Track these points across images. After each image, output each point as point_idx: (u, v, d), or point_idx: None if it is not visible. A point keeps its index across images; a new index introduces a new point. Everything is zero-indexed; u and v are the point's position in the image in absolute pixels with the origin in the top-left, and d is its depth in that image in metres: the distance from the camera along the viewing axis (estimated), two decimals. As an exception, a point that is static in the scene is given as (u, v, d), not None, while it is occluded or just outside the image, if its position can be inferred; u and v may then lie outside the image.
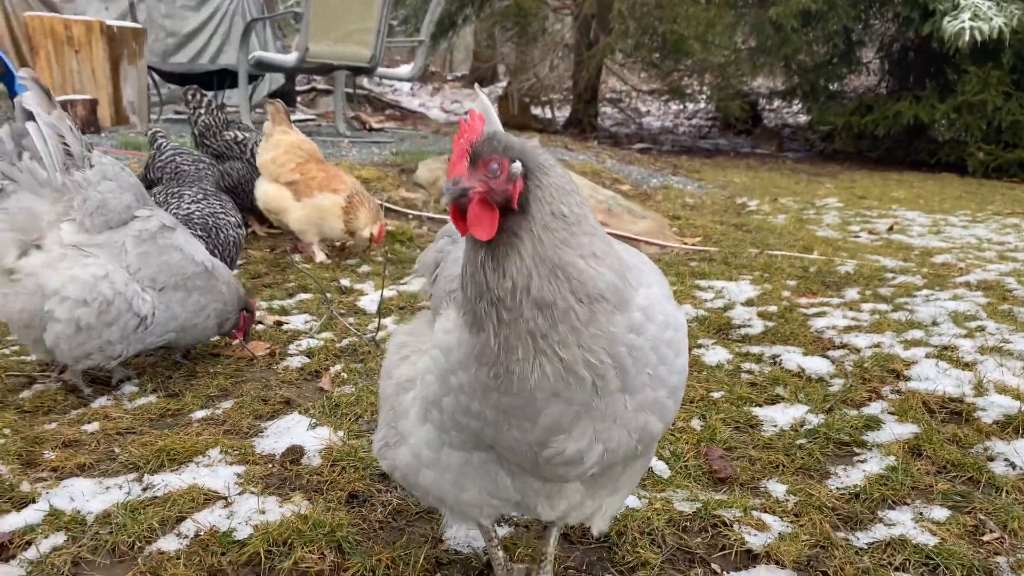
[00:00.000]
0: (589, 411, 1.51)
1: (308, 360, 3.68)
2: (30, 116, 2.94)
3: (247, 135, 5.49)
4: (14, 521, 2.28)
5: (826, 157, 16.13)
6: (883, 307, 4.59)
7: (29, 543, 2.18)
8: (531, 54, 17.31)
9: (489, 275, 1.46)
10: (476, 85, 2.36)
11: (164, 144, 5.09)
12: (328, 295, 4.53)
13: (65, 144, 3.00)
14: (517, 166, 1.45)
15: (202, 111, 5.27)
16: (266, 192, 5.35)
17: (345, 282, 5.09)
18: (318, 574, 2.09)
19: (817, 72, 15.43)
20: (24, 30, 13.31)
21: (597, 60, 15.30)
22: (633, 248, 1.78)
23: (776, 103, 18.97)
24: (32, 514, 2.31)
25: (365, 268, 5.51)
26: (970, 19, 11.77)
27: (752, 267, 5.69)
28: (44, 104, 2.97)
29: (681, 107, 20.11)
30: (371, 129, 13.46)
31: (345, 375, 3.49)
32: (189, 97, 5.32)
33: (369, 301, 4.70)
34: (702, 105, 19.54)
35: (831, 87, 16.03)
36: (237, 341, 3.73)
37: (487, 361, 1.49)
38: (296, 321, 4.27)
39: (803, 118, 19.26)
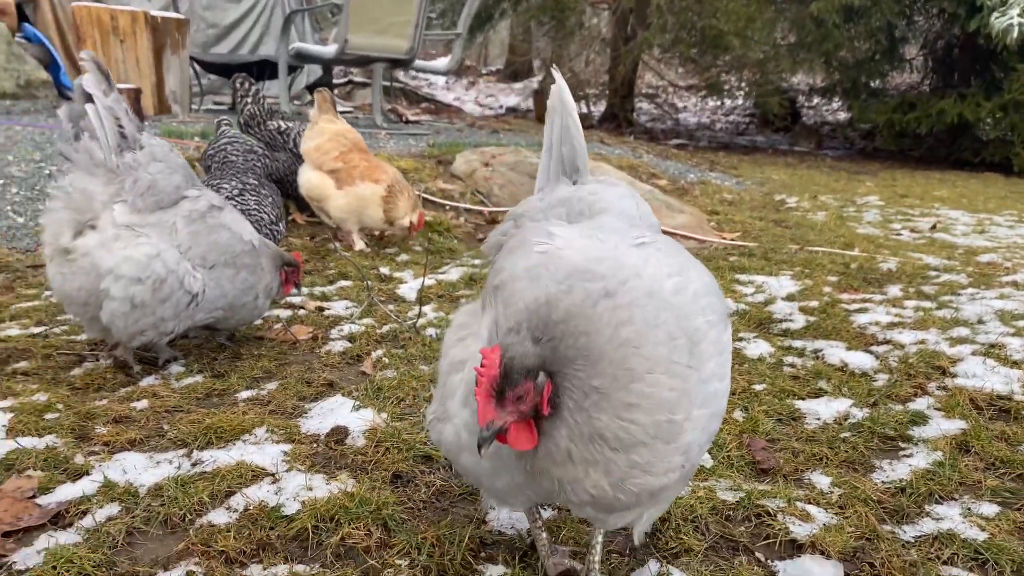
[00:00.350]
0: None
1: (350, 345, 3.72)
2: (89, 98, 3.00)
3: (290, 125, 5.55)
4: (70, 491, 2.34)
5: (866, 155, 15.89)
6: (927, 304, 4.52)
7: (85, 512, 2.23)
8: (567, 48, 17.25)
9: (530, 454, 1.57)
10: (554, 67, 2.35)
11: (223, 132, 5.18)
12: (368, 282, 4.57)
13: (120, 127, 3.06)
14: (541, 379, 1.50)
15: (249, 100, 5.33)
16: (309, 179, 5.40)
17: (384, 270, 5.13)
18: (365, 550, 2.12)
19: (859, 69, 15.20)
20: (71, 20, 13.58)
21: (634, 55, 15.21)
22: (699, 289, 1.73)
23: (815, 100, 18.71)
24: (87, 485, 2.37)
25: (404, 257, 5.55)
26: (1019, 15, 11.52)
27: (792, 263, 5.64)
28: (103, 86, 3.03)
29: (719, 103, 19.92)
30: (407, 121, 13.52)
31: (386, 360, 3.53)
32: (238, 85, 5.38)
33: (408, 289, 4.73)
34: (740, 101, 19.34)
35: (873, 84, 15.77)
36: (280, 310, 3.78)
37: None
38: (337, 307, 4.31)
39: (843, 115, 19.00)
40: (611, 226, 1.85)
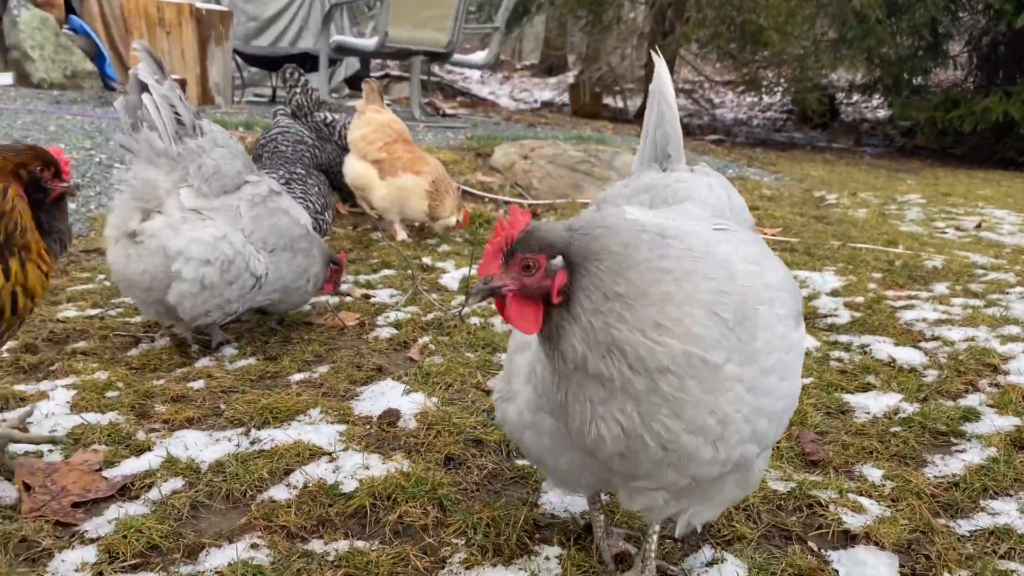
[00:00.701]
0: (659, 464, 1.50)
1: (396, 331, 3.77)
2: (144, 88, 3.06)
3: (336, 117, 5.61)
4: (134, 465, 2.41)
5: (906, 153, 15.66)
6: (975, 302, 4.47)
7: (150, 486, 2.30)
8: (604, 43, 17.19)
9: (547, 350, 1.47)
10: (654, 49, 2.35)
11: (277, 122, 5.28)
12: (412, 272, 4.61)
13: (176, 114, 3.13)
14: (557, 261, 1.41)
15: (298, 90, 5.40)
16: (354, 169, 5.46)
17: (427, 260, 5.18)
18: (422, 528, 2.16)
19: (901, 65, 14.95)
20: (116, 12, 13.82)
21: (672, 50, 15.11)
22: (772, 267, 1.69)
23: (855, 97, 18.46)
24: (151, 460, 2.43)
25: (445, 247, 5.59)
26: (1069, 11, 11.27)
27: (835, 258, 5.59)
28: (157, 75, 3.09)
29: (756, 99, 19.72)
30: (444, 115, 13.58)
31: (433, 347, 3.57)
32: (287, 75, 5.45)
33: (450, 279, 4.77)
34: (777, 98, 19.12)
35: (915, 81, 15.51)
36: (328, 296, 3.86)
37: (552, 403, 1.58)
38: (382, 294, 4.37)
39: (883, 113, 18.73)
40: (692, 213, 1.82)
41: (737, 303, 1.47)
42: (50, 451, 2.48)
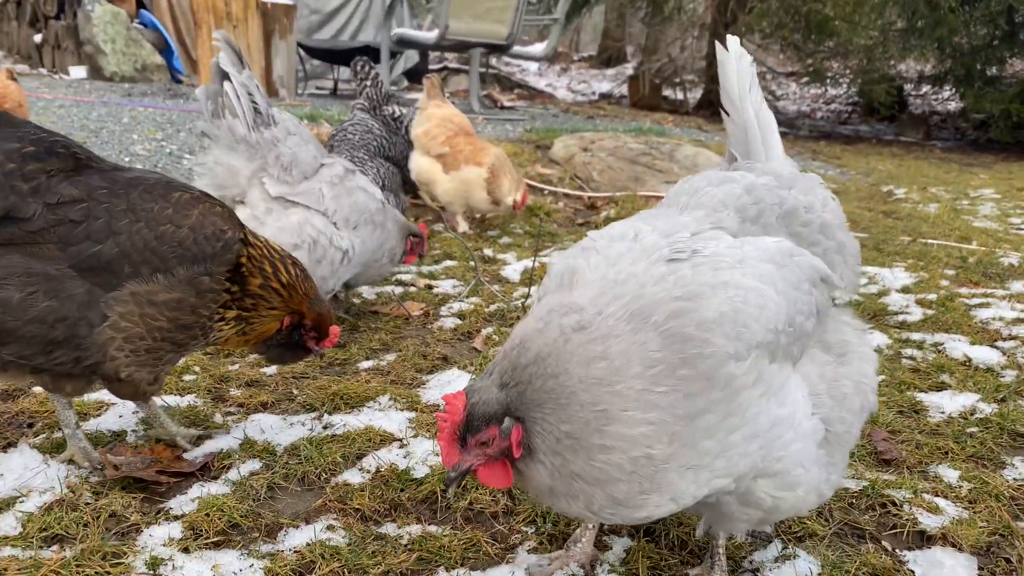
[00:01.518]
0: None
1: (460, 322, 3.81)
2: (225, 76, 3.15)
3: (404, 111, 5.67)
4: (213, 446, 2.49)
5: (979, 147, 15.12)
6: (1055, 301, 4.31)
7: (228, 466, 2.38)
8: (665, 34, 17.00)
9: (520, 483, 1.62)
10: (718, 39, 2.24)
11: (353, 116, 5.40)
12: (475, 263, 4.65)
13: (254, 102, 3.21)
14: (507, 423, 1.52)
15: (368, 83, 5.47)
16: (419, 164, 5.51)
17: (488, 252, 5.21)
18: (492, 515, 2.19)
19: (974, 55, 14.42)
20: (183, 6, 14.18)
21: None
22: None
23: (924, 88, 17.86)
24: (229, 441, 2.51)
25: (506, 239, 5.62)
26: None
27: (905, 255, 5.45)
28: (236, 65, 3.17)
29: (821, 91, 19.26)
30: (502, 107, 13.61)
31: (496, 337, 3.59)
32: (358, 68, 5.53)
33: (512, 271, 4.80)
34: (842, 90, 18.64)
35: (989, 72, 14.93)
36: (413, 264, 3.96)
37: None
38: (445, 285, 4.41)
39: (954, 105, 18.10)
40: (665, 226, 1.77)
41: (670, 367, 1.50)
42: (133, 431, 2.57)
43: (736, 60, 2.01)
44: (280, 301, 2.45)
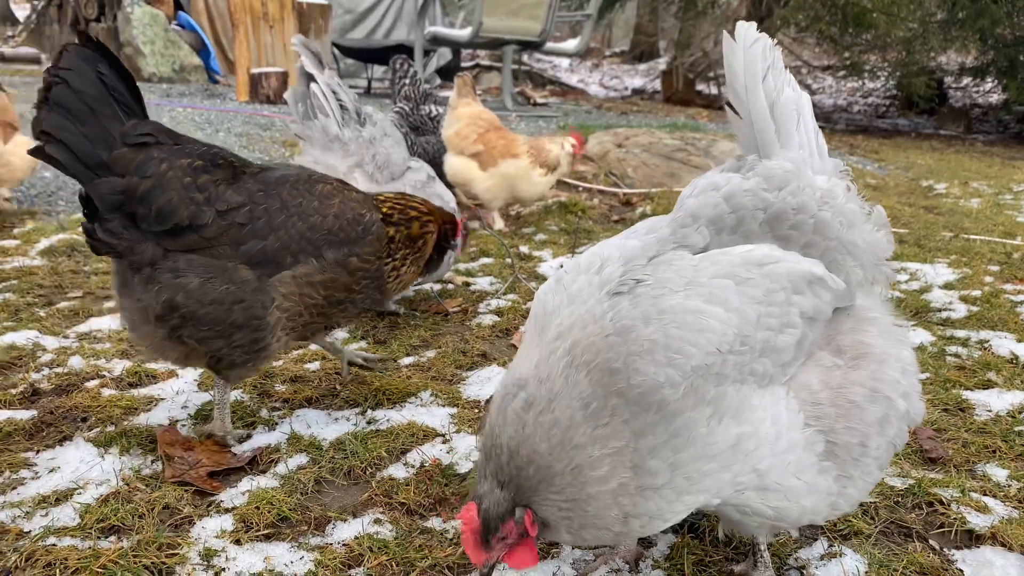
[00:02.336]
0: None
1: (498, 319, 3.83)
2: (311, 79, 3.22)
3: (440, 111, 5.69)
4: (260, 440, 2.54)
5: (1022, 140, 14.81)
6: (1105, 297, 4.22)
7: (275, 460, 2.42)
8: (698, 28, 16.86)
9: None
10: (725, 30, 2.13)
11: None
12: (512, 260, 4.67)
13: (339, 100, 3.28)
14: (518, 514, 1.62)
15: (407, 81, 5.51)
16: (453, 165, 5.52)
17: (524, 249, 5.23)
18: (536, 511, 2.20)
19: (1017, 46, 14.11)
20: (220, 8, 14.37)
21: (769, 34, 14.69)
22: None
23: (965, 80, 17.54)
24: (276, 436, 2.56)
25: (541, 236, 5.63)
26: None
27: (948, 250, 5.37)
28: (318, 66, 3.24)
29: (859, 84, 18.98)
30: (535, 104, 13.61)
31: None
32: (397, 66, 5.57)
33: (547, 268, 4.81)
34: (879, 83, 18.36)
35: (1032, 63, 14.62)
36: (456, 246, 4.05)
37: None
38: (482, 282, 4.44)
39: (996, 97, 17.76)
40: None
41: (602, 400, 1.57)
42: (182, 425, 2.63)
43: (744, 50, 1.85)
44: (431, 223, 2.88)
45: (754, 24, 1.87)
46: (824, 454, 1.67)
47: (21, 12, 20.92)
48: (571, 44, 13.18)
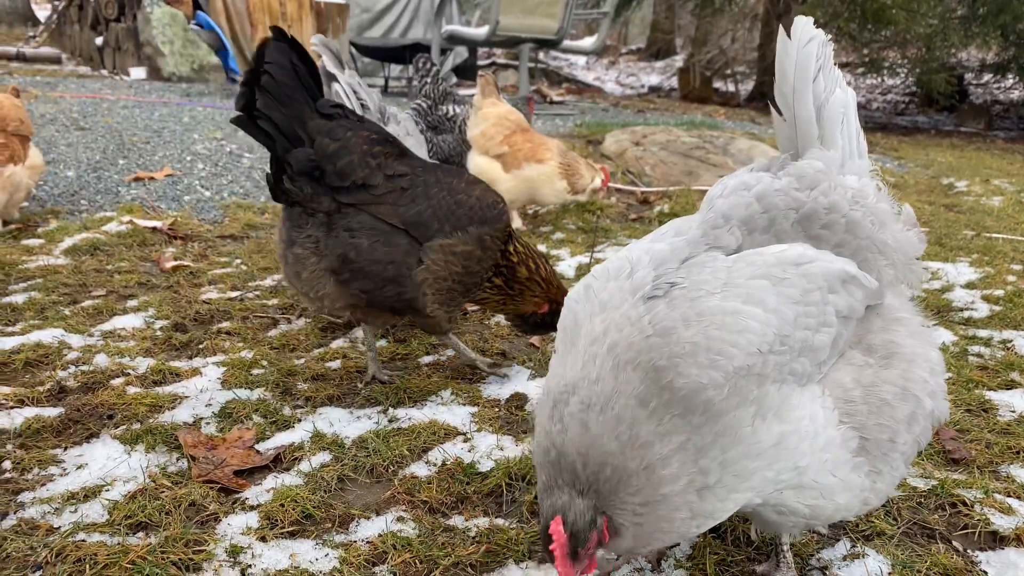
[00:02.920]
0: None
1: (517, 317, 3.84)
2: (333, 78, 3.25)
3: (458, 111, 5.69)
4: (284, 438, 2.56)
5: (1044, 137, 14.65)
6: None
7: (299, 458, 2.45)
8: (715, 25, 16.78)
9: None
10: (780, 23, 2.06)
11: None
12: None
13: (360, 99, 3.31)
14: (599, 522, 1.58)
15: (428, 80, 5.52)
16: (478, 165, 5.52)
17: (542, 247, 5.23)
18: (558, 510, 2.21)
19: (1039, 42, 13.97)
20: (239, 7, 14.46)
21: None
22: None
23: (986, 77, 17.37)
24: (298, 434, 2.59)
25: (559, 235, 5.64)
26: None
27: (969, 249, 5.33)
28: (338, 66, 3.27)
29: (878, 81, 18.83)
30: (551, 102, 13.61)
31: (554, 333, 3.61)
32: (419, 65, 5.58)
33: (566, 267, 4.81)
34: (898, 80, 18.21)
35: (1055, 59, 14.45)
36: None
37: None
38: (501, 281, 4.45)
39: (1017, 93, 17.57)
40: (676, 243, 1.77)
41: (657, 396, 1.55)
42: (207, 423, 2.66)
43: (799, 48, 1.81)
44: (541, 291, 3.02)
45: (811, 19, 1.82)
46: (857, 450, 1.69)
47: (42, 12, 21.14)
48: (588, 42, 13.16)
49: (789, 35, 1.80)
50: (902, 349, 1.77)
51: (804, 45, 1.81)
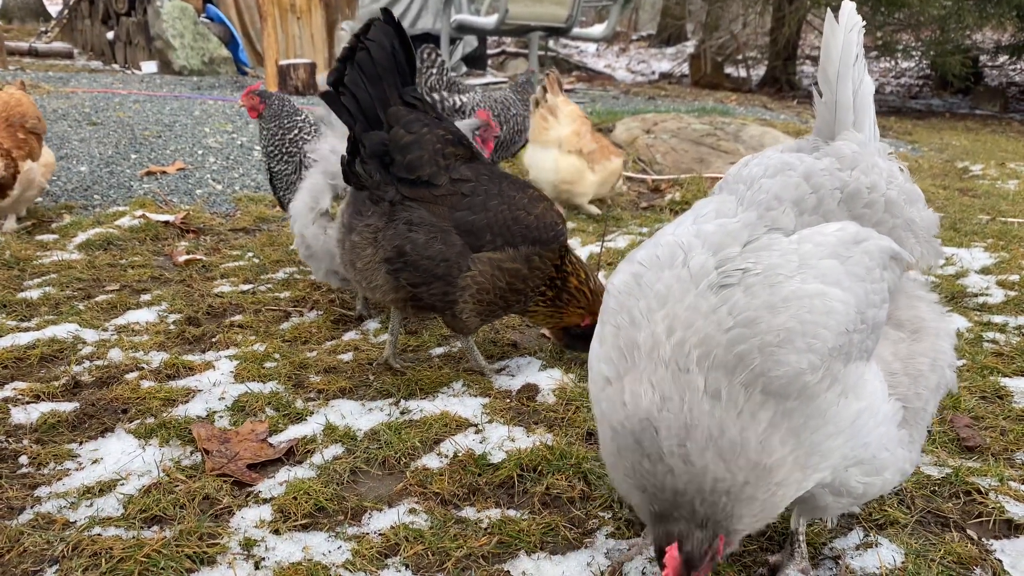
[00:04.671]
0: None
1: (528, 308, 3.83)
2: None
3: (464, 100, 5.66)
4: (297, 431, 2.58)
5: (1061, 118, 14.46)
6: None
7: (311, 451, 2.46)
8: (727, 10, 16.64)
9: None
10: (831, 7, 2.10)
11: None
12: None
13: None
14: (715, 543, 1.55)
15: (434, 71, 5.49)
16: (569, 164, 5.46)
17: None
18: (569, 500, 2.22)
19: (1056, 23, 13.77)
20: (248, 0, 14.46)
21: (800, 15, 14.49)
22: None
23: (1001, 59, 17.14)
24: (310, 427, 2.60)
25: (570, 224, 5.62)
26: None
27: (984, 234, 5.28)
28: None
29: (892, 64, 18.63)
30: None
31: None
32: (425, 55, 5.55)
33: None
34: (912, 63, 18.00)
35: (1073, 39, 14.24)
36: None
37: None
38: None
39: (1033, 75, 17.34)
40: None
41: (774, 401, 1.54)
42: (220, 417, 2.68)
43: (845, 33, 1.85)
44: (587, 302, 3.00)
45: (854, 5, 1.86)
46: (902, 422, 1.74)
47: (54, 8, 21.22)
48: (598, 29, 13.09)
49: (837, 20, 1.84)
50: (927, 324, 1.85)
51: (850, 30, 1.86)
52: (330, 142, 3.28)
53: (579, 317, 3.04)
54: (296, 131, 3.85)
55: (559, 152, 5.50)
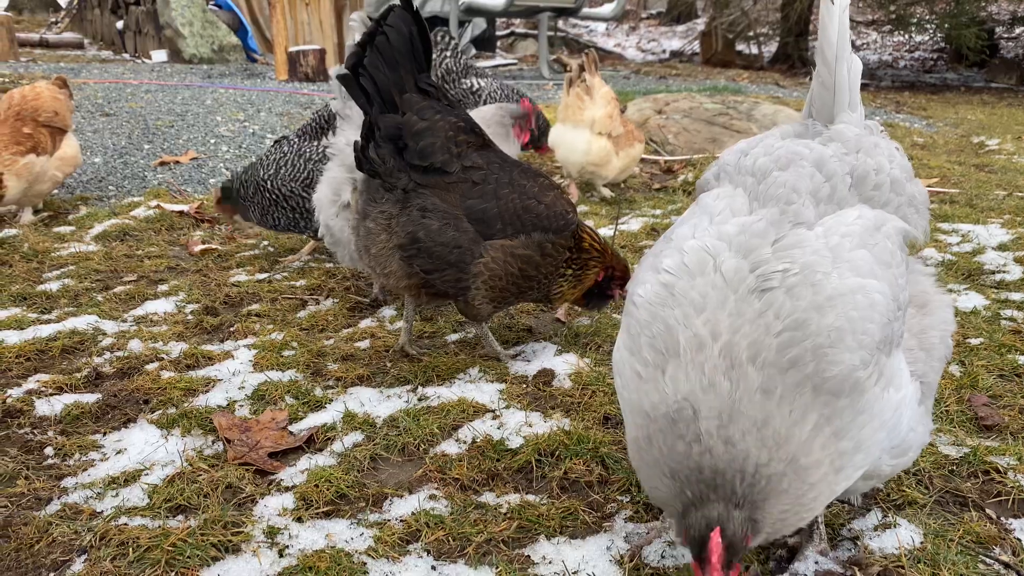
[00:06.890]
0: None
1: (543, 292, 3.84)
2: None
3: (482, 84, 5.61)
4: (316, 419, 2.60)
5: (1078, 90, 14.26)
6: None
7: (331, 438, 2.49)
8: (738, -13, 16.44)
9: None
10: None
11: None
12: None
13: None
14: (751, 531, 1.53)
15: (448, 54, 5.45)
16: (599, 146, 5.42)
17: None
18: (587, 484, 2.24)
19: (1074, -8, 13.53)
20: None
21: (810, -10, 14.31)
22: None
23: (1017, 30, 16.88)
24: (329, 415, 2.62)
25: (583, 208, 5.61)
26: None
27: (1001, 210, 5.23)
28: None
29: (906, 38, 18.39)
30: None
31: (578, 309, 3.62)
32: (437, 39, 5.49)
33: (591, 239, 4.79)
34: (926, 37, 17.76)
35: (1091, 9, 14.01)
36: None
37: None
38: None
39: (1050, 46, 17.06)
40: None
41: (823, 401, 1.53)
42: (240, 406, 2.71)
43: (840, 13, 1.86)
44: (598, 258, 3.06)
45: None
46: (920, 399, 1.75)
47: (62, -2, 21.22)
48: (607, 9, 12.99)
49: (832, 0, 1.84)
50: (932, 298, 1.88)
51: (843, 10, 1.87)
52: (347, 135, 3.28)
53: (596, 276, 3.09)
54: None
55: (591, 134, 5.45)
